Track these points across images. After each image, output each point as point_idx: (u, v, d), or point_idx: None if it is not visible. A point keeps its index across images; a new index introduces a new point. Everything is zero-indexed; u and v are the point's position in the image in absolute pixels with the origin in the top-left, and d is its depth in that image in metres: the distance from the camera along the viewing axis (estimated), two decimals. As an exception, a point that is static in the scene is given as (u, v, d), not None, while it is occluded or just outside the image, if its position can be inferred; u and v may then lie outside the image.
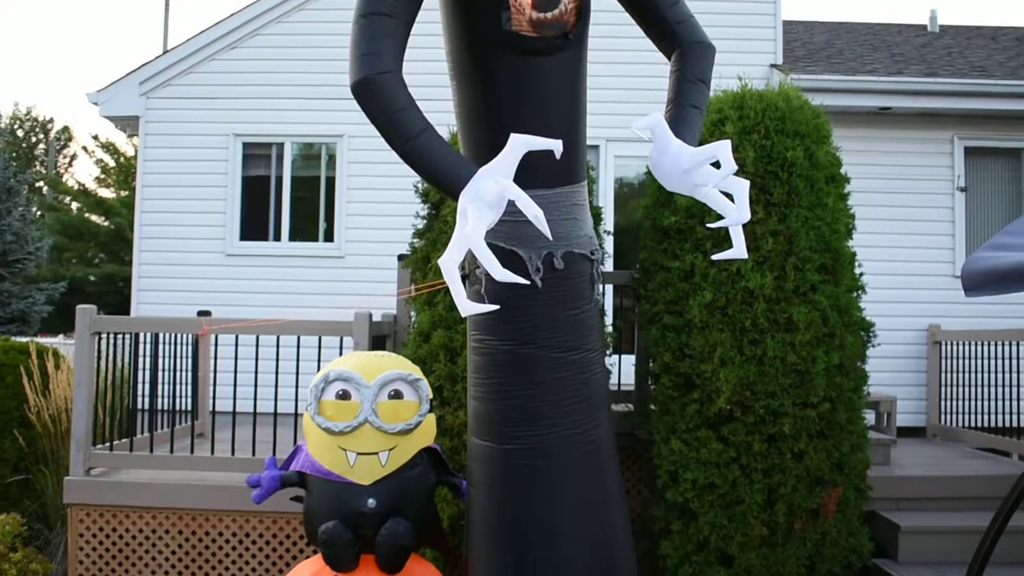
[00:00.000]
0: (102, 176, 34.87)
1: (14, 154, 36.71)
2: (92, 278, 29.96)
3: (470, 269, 2.91)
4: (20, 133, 38.86)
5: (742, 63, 9.78)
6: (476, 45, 2.46)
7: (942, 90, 9.62)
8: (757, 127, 4.76)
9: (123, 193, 33.28)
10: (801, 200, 4.73)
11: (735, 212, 2.38)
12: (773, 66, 9.99)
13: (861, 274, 5.01)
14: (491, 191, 2.07)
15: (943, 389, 8.20)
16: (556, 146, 2.12)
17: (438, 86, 4.51)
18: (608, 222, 9.62)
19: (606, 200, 9.76)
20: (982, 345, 7.77)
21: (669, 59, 2.68)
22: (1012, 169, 10.19)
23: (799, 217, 4.70)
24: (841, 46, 11.74)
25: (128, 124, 10.96)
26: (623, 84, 9.50)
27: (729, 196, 2.79)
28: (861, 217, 5.97)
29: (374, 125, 2.22)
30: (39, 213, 31.41)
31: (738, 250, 2.49)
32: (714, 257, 2.59)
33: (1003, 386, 7.38)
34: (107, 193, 34.19)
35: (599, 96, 8.52)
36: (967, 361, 7.99)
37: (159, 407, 6.44)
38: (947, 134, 9.97)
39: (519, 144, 2.11)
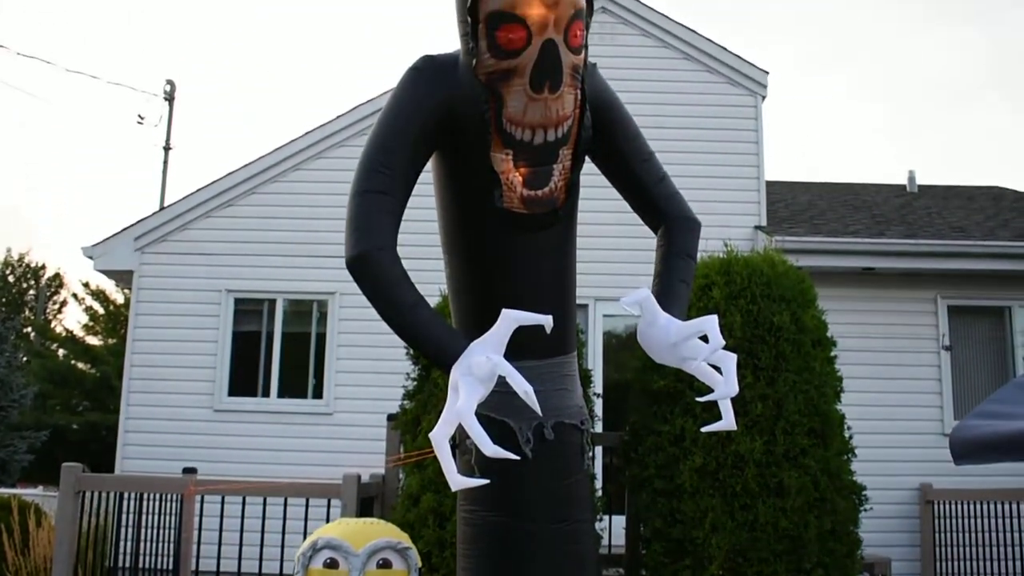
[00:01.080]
0: (90, 323, 34.90)
1: (4, 300, 36.83)
2: (75, 426, 29.61)
3: (460, 439, 2.91)
4: (11, 279, 39.07)
5: (728, 224, 10.02)
6: (467, 221, 2.53)
7: (923, 251, 9.82)
8: (744, 292, 4.85)
9: (111, 341, 33.25)
10: (789, 364, 4.77)
11: (723, 385, 2.41)
12: (758, 228, 10.22)
13: (851, 436, 5.02)
14: (482, 367, 2.10)
15: (937, 550, 8.08)
16: (547, 321, 2.17)
17: (431, 245, 4.60)
18: (598, 383, 9.64)
19: (595, 361, 9.80)
20: (976, 504, 7.70)
21: (655, 233, 2.75)
22: (996, 328, 10.31)
23: (787, 381, 4.74)
24: (824, 207, 12.03)
25: (121, 277, 11.07)
26: (613, 244, 9.69)
27: (718, 369, 2.83)
28: (848, 376, 6.02)
29: (367, 298, 2.26)
30: (25, 359, 31.28)
31: (727, 422, 2.50)
32: (704, 429, 2.59)
33: (998, 546, 7.28)
34: (95, 341, 34.16)
35: (588, 256, 8.64)
36: (961, 520, 7.90)
37: (141, 565, 6.29)
38: (930, 293, 10.13)
39: (510, 319, 2.16)
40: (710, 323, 2.37)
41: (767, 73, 10.83)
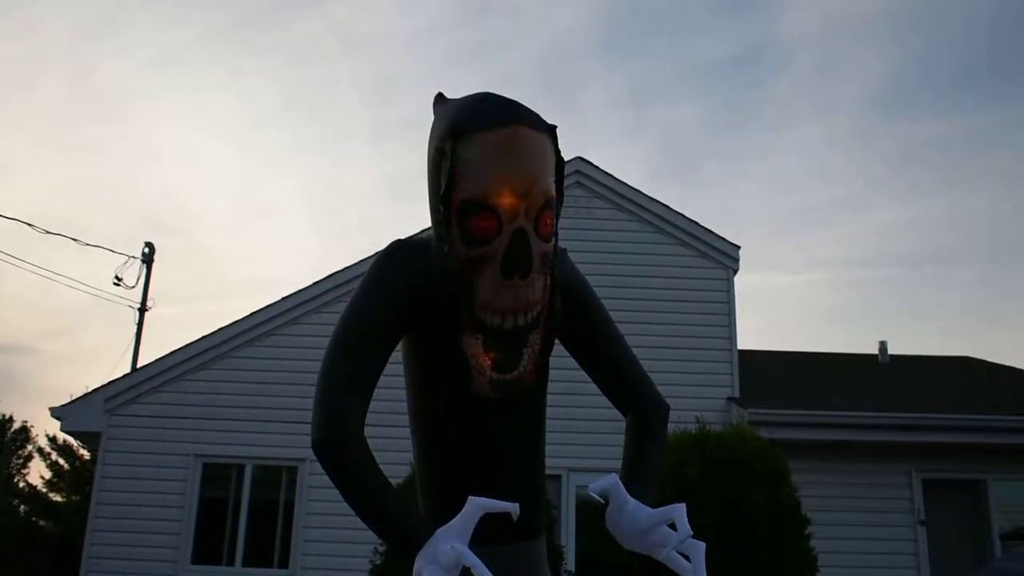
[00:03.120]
0: (55, 479, 34.02)
1: (-33, 454, 35.93)
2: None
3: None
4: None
5: (701, 396, 10.04)
6: (436, 401, 2.51)
7: (897, 423, 9.82)
8: (718, 470, 4.82)
9: (75, 498, 32.36)
10: (764, 544, 4.69)
11: (692, 574, 2.35)
12: (731, 400, 10.23)
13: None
14: (447, 555, 2.06)
15: None
16: (513, 509, 2.13)
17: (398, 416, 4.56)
18: (570, 559, 9.42)
19: (568, 536, 9.60)
20: None
21: (624, 415, 2.74)
22: (972, 502, 10.22)
23: (761, 561, 4.64)
24: (797, 377, 12.07)
25: (89, 438, 10.88)
26: (587, 414, 9.65)
27: (687, 557, 2.78)
28: (823, 551, 5.91)
29: (332, 482, 2.23)
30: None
31: (698, 610, 2.43)
32: (675, 618, 2.52)
33: None
34: (58, 497, 33.23)
35: (561, 426, 8.63)
36: None
37: None
38: (905, 466, 10.08)
39: (476, 507, 2.12)
40: (678, 511, 2.33)
41: (738, 248, 11.05)
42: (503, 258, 2.20)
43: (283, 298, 10.83)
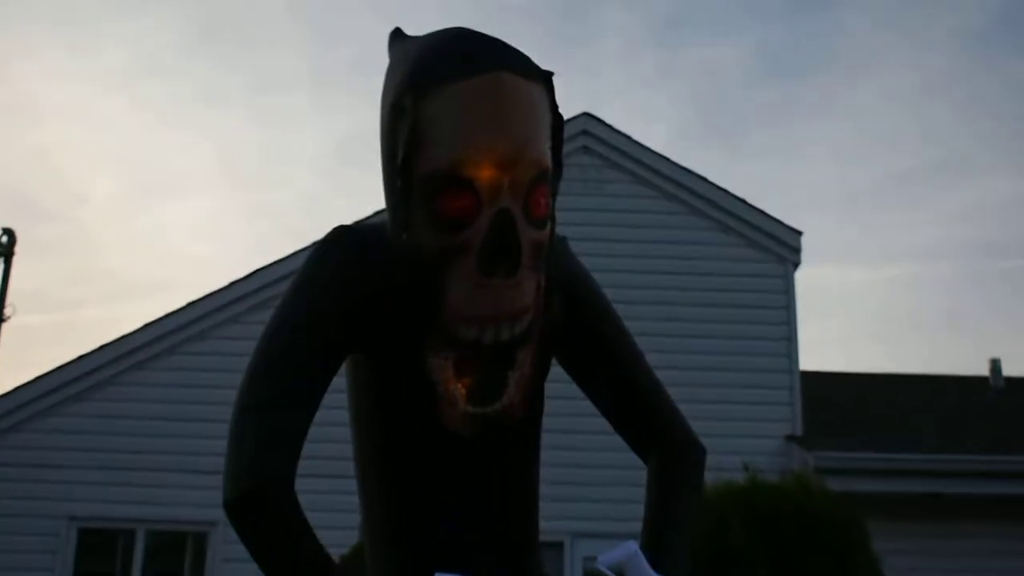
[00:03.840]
0: None
1: None
2: None
3: None
4: None
5: (750, 434, 10.08)
6: (391, 443, 2.50)
7: (1012, 469, 9.80)
8: (771, 533, 4.81)
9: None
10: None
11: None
12: (791, 439, 10.24)
13: None
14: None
15: None
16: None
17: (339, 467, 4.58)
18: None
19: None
20: None
21: (645, 460, 2.73)
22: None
23: (831, 656, 4.66)
24: (879, 408, 12.04)
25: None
26: (594, 460, 9.65)
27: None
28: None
29: (247, 548, 2.20)
30: None
31: None
32: None
33: None
34: None
35: (562, 476, 8.66)
36: None
37: None
38: (1022, 528, 10.08)
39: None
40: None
41: (800, 234, 11.10)
42: (482, 249, 2.22)
43: (190, 303, 10.82)
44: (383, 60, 2.44)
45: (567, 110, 14.19)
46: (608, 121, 11.59)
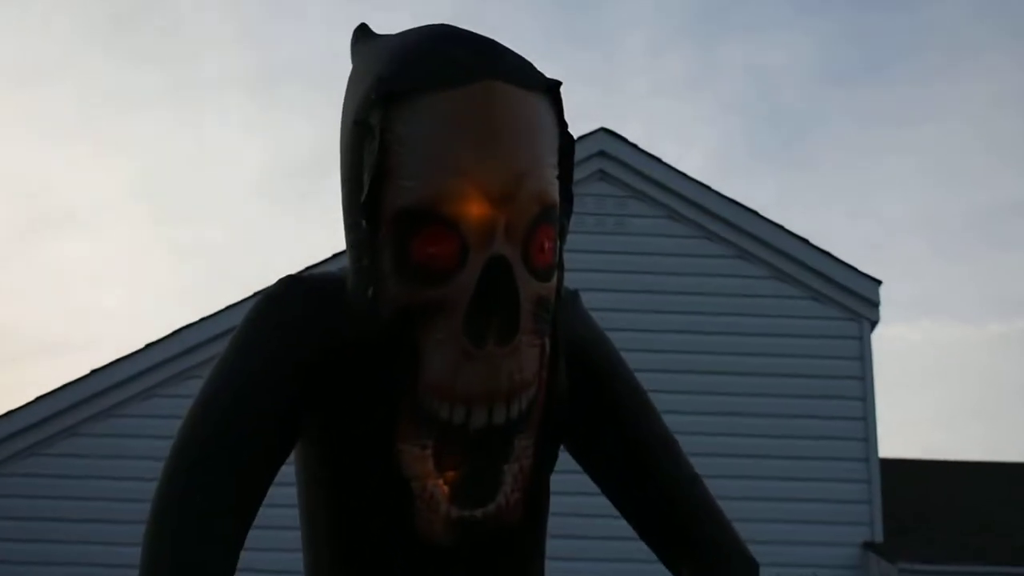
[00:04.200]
0: None
1: None
2: None
3: None
4: None
5: (817, 540, 10.04)
6: (353, 550, 2.49)
7: None
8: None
9: None
10: None
11: None
12: (868, 546, 10.20)
13: None
14: None
15: None
16: None
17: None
18: None
19: None
20: None
21: (672, 570, 2.71)
22: None
23: None
24: (978, 505, 12.01)
25: None
26: (615, 552, 9.63)
27: None
28: None
29: None
30: None
31: None
32: None
33: None
34: None
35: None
36: None
37: None
38: None
39: None
40: None
41: (878, 284, 11.09)
42: (470, 308, 2.21)
43: (94, 371, 10.82)
44: (347, 63, 2.43)
45: (579, 126, 14.21)
46: (631, 139, 11.65)
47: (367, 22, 2.46)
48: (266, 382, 2.25)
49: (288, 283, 2.34)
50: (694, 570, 2.70)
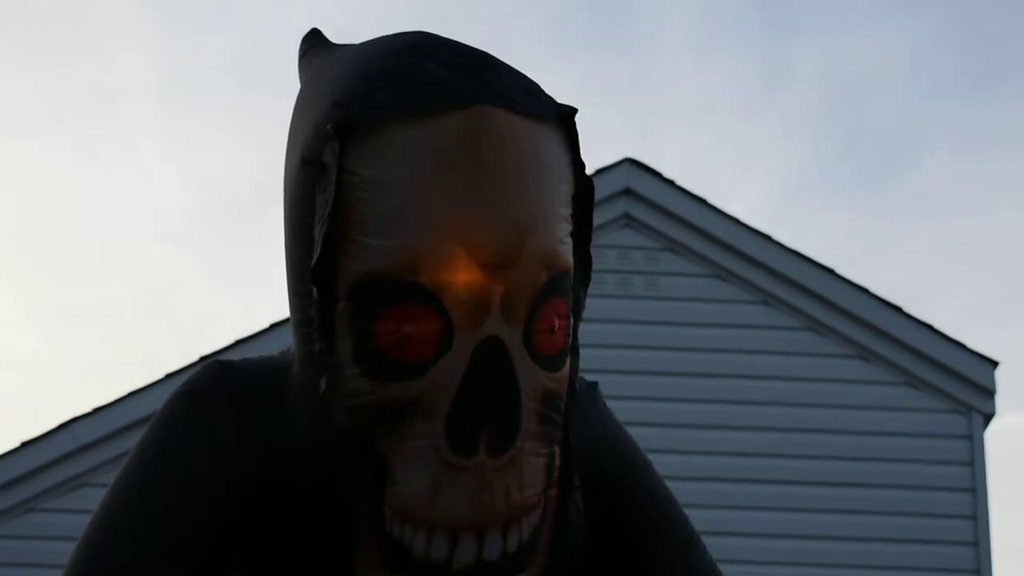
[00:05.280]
0: None
1: None
2: None
3: None
4: None
5: None
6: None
7: None
8: None
9: None
10: None
11: None
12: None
13: None
14: None
15: None
16: None
17: None
18: None
19: None
20: None
21: None
22: None
23: None
24: None
25: None
26: None
27: None
28: None
29: None
30: None
31: None
32: None
33: None
34: None
35: None
36: None
37: None
38: None
39: None
40: None
41: (995, 366, 11.09)
42: (454, 407, 2.19)
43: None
44: (293, 77, 2.41)
45: (598, 155, 14.11)
46: (666, 174, 11.68)
47: (320, 27, 2.42)
48: (184, 509, 2.21)
49: (215, 373, 2.30)
50: None
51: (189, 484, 2.22)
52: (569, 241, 2.15)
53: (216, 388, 2.28)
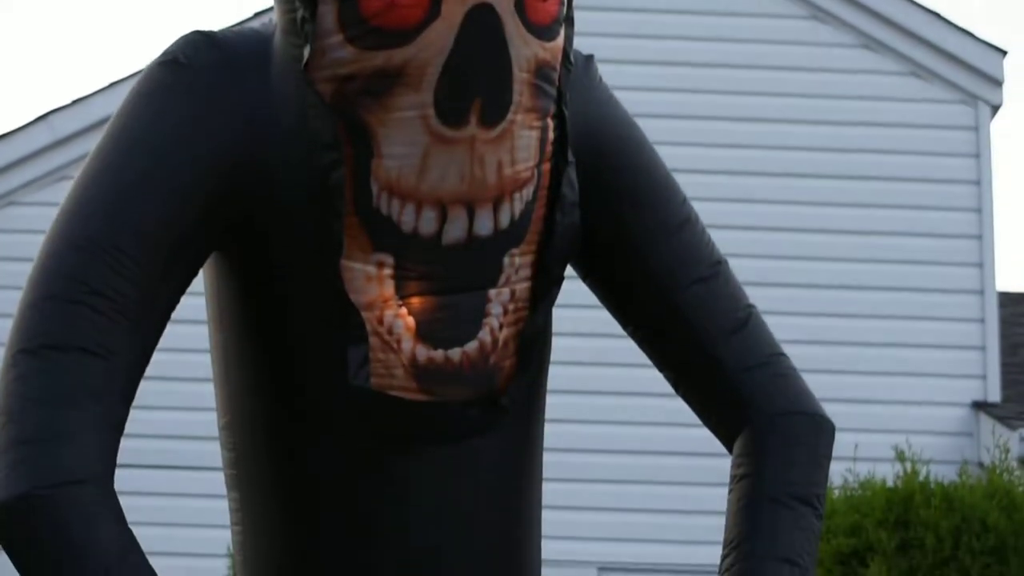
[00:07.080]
0: None
1: None
2: None
3: None
4: None
5: (916, 400, 10.11)
6: (283, 408, 2.47)
7: None
8: (941, 571, 4.83)
9: None
10: None
11: None
12: (979, 406, 10.28)
13: None
14: None
15: None
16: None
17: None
18: None
19: None
20: None
21: (726, 442, 2.71)
22: None
23: None
24: None
25: None
26: (632, 438, 9.72)
27: None
28: None
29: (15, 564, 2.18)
30: None
31: None
32: None
33: None
34: None
35: (580, 468, 8.80)
36: None
37: None
38: None
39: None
40: None
41: (1003, 55, 11.03)
42: (443, 76, 2.18)
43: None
44: None
45: None
46: None
47: None
48: (167, 176, 2.17)
49: (196, 42, 2.25)
50: (753, 433, 2.70)
51: (171, 147, 2.18)
52: None
53: (197, 57, 2.24)
